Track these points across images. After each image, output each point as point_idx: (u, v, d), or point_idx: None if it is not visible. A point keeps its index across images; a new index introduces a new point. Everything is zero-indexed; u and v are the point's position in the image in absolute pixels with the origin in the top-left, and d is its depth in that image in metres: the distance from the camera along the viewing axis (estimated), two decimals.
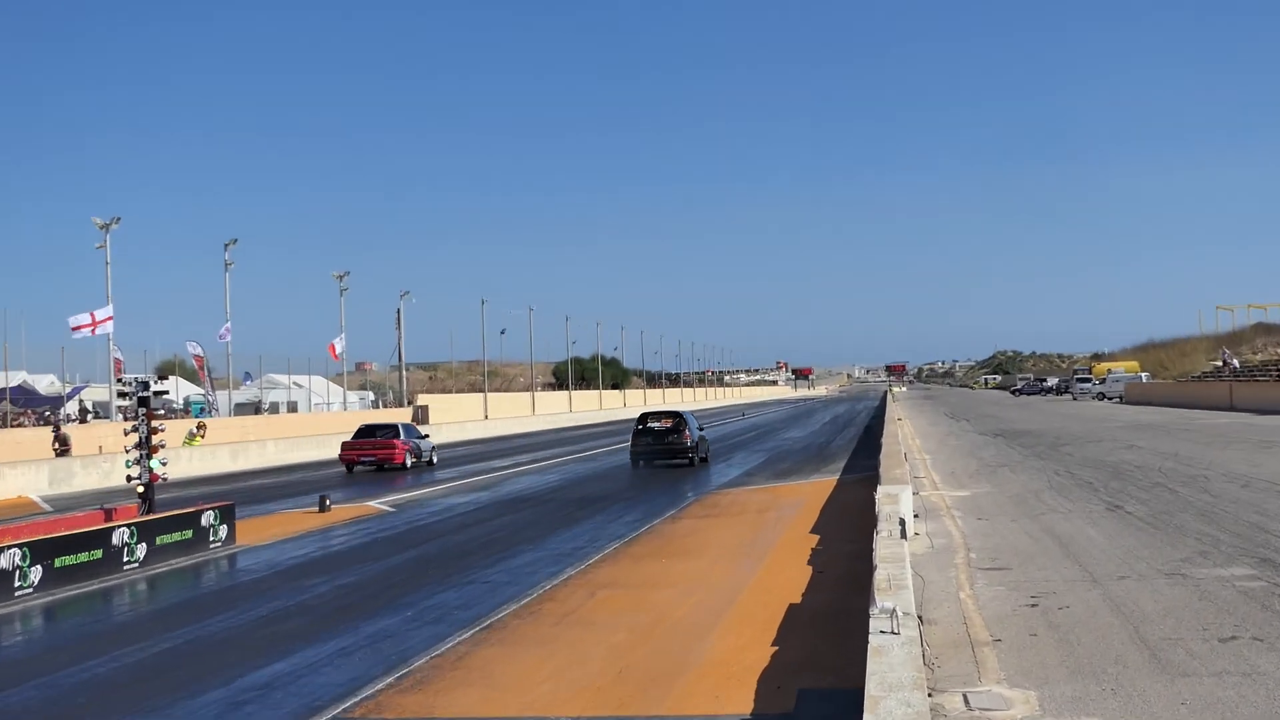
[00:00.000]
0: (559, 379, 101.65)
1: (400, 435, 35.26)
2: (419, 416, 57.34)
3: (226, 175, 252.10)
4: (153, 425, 16.96)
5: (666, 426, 31.97)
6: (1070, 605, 10.00)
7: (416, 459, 35.29)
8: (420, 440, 36.32)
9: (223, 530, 17.63)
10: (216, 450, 38.71)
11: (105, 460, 32.37)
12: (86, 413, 45.93)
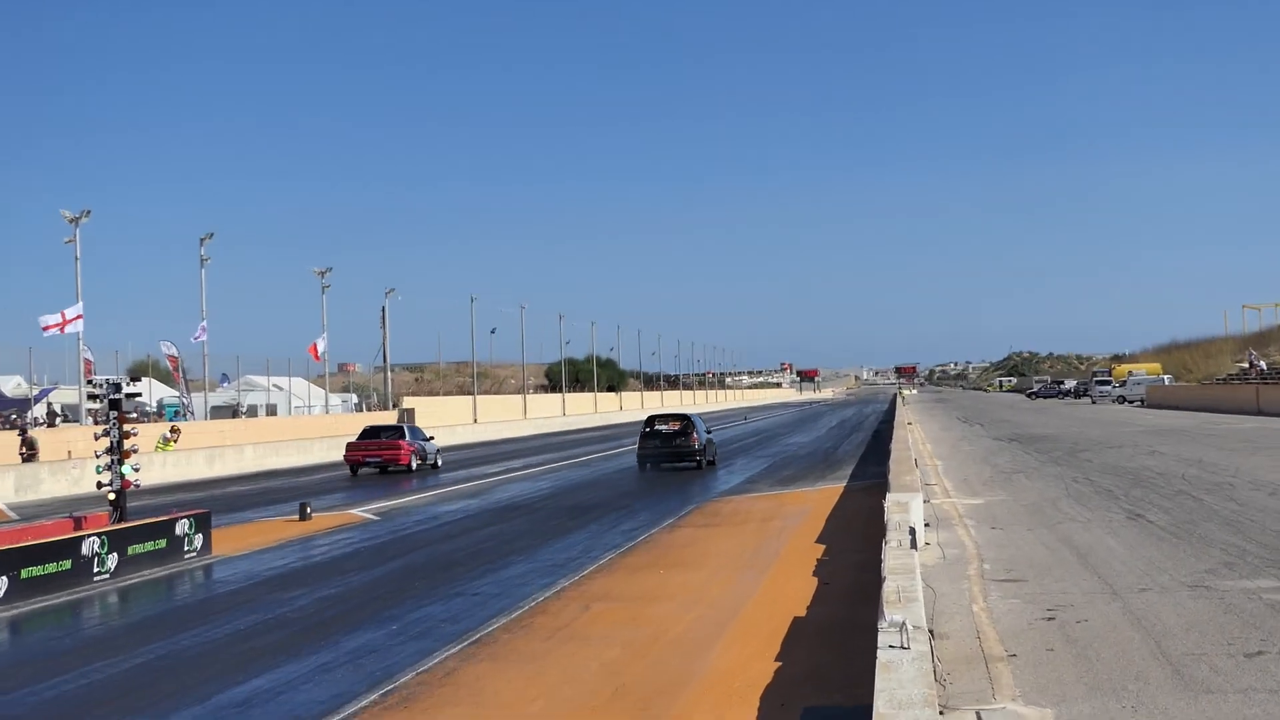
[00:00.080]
0: (552, 381, 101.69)
1: (406, 437, 36.32)
2: (404, 420, 57.30)
3: (202, 168, 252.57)
4: (125, 429, 16.95)
5: (674, 429, 32.85)
6: (1089, 619, 10.02)
7: (421, 461, 36.31)
8: (425, 442, 37.34)
9: (198, 540, 17.63)
10: (191, 455, 38.70)
11: (75, 466, 32.36)
12: (55, 416, 45.90)
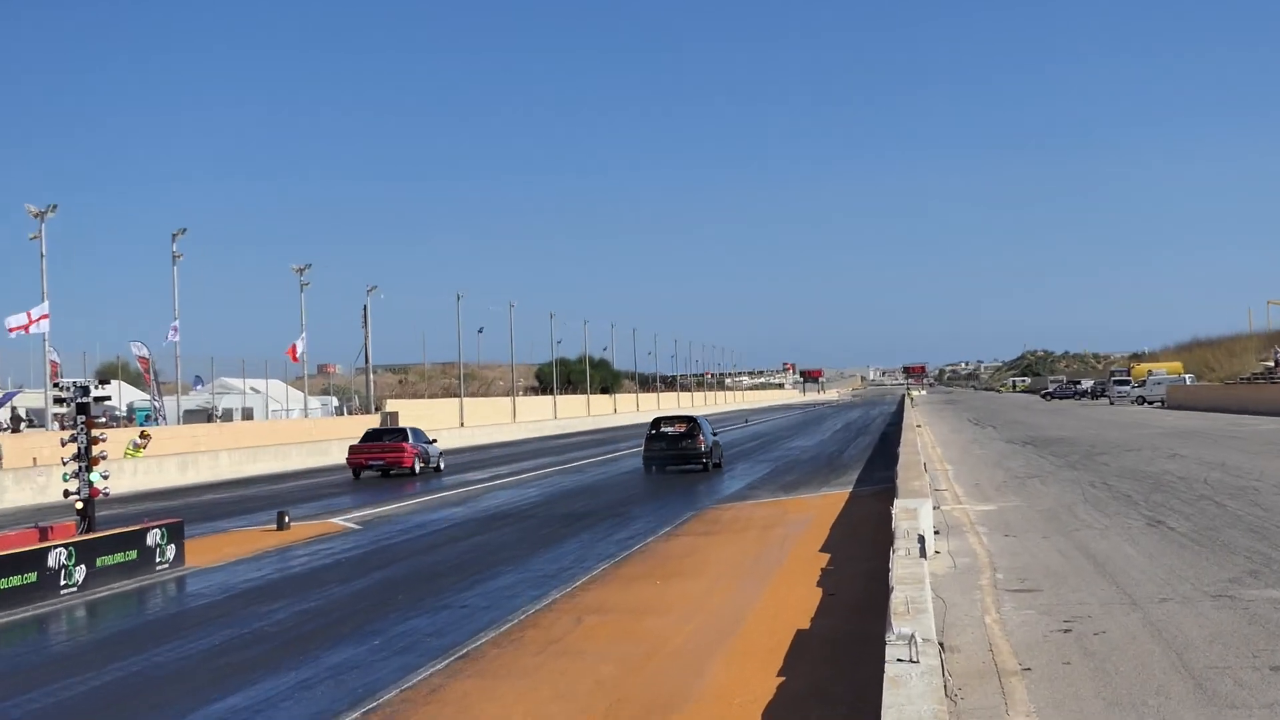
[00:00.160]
0: (542, 382, 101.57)
1: (409, 439, 36.94)
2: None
3: (174, 162, 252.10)
4: (93, 435, 16.91)
5: (680, 431, 33.72)
6: (1107, 630, 10.03)
7: (424, 464, 37.11)
8: (428, 445, 38.03)
9: (170, 550, 17.60)
10: (163, 462, 38.63)
11: (40, 473, 32.27)
12: (20, 420, 45.78)
